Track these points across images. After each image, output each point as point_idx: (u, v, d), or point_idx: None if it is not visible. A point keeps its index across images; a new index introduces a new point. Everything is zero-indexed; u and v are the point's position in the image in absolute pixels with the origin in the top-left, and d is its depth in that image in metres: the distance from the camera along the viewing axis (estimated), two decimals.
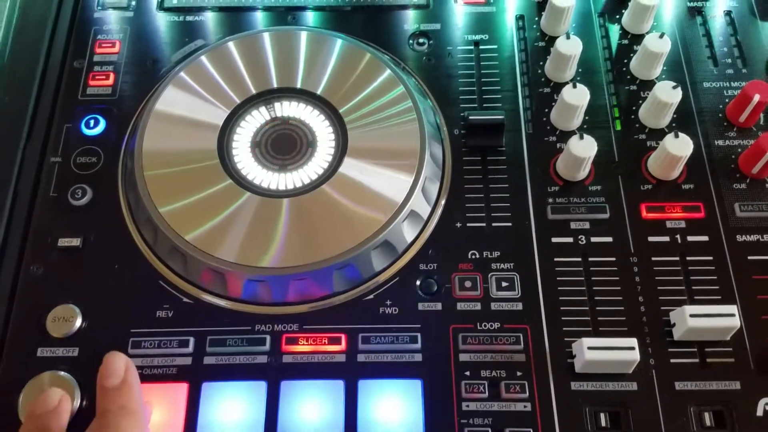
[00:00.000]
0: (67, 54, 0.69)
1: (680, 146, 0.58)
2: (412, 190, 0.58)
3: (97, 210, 0.61)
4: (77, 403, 0.53)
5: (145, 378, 0.54)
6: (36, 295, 0.58)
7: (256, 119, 0.63)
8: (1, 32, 0.70)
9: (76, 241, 0.60)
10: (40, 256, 0.59)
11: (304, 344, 0.56)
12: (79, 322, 0.56)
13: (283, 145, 0.62)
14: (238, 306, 0.57)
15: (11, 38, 0.70)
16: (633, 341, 0.51)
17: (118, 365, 0.51)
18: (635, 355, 0.51)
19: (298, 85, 0.64)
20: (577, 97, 0.60)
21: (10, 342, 0.56)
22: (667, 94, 0.61)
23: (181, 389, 0.54)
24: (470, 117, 0.61)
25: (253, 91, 0.64)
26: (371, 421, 0.53)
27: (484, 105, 0.65)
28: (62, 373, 0.54)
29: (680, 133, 0.59)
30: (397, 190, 0.58)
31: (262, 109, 0.63)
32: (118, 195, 0.62)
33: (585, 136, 0.58)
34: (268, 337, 0.56)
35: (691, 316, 0.52)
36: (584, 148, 0.58)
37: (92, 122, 0.65)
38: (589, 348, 0.51)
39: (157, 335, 0.56)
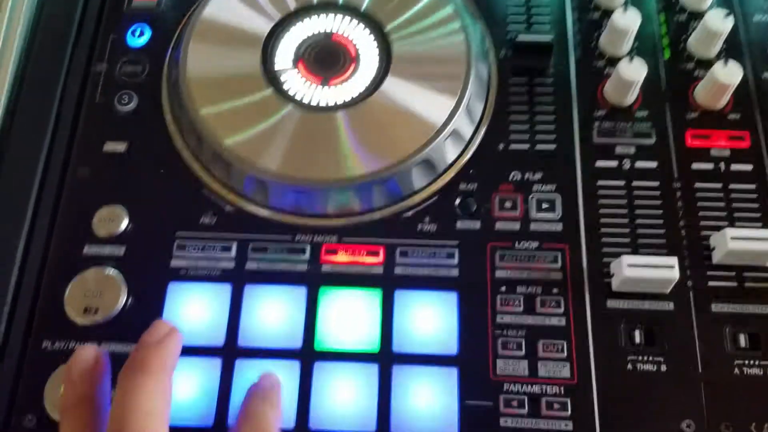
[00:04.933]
0: None
1: (729, 74, 0.58)
2: (456, 108, 0.58)
3: (142, 117, 0.62)
4: (123, 300, 0.55)
5: (190, 278, 0.55)
6: (82, 196, 0.59)
7: (300, 32, 0.63)
8: None
9: (121, 146, 0.60)
10: (87, 158, 0.60)
11: (342, 255, 0.56)
12: (125, 223, 0.57)
13: (327, 59, 0.62)
14: (279, 216, 0.58)
15: None
16: (673, 260, 0.51)
17: (162, 329, 0.48)
18: (675, 274, 0.51)
19: (340, 0, 0.64)
20: (627, 22, 0.59)
21: (56, 239, 0.57)
22: (718, 23, 0.60)
23: (225, 289, 0.55)
24: (518, 38, 0.61)
25: (295, 4, 0.64)
26: (407, 331, 0.54)
27: (533, 27, 0.64)
28: (109, 270, 0.56)
29: (730, 61, 0.58)
30: (440, 108, 0.58)
31: (307, 21, 0.63)
32: (163, 103, 0.62)
33: (635, 58, 0.58)
34: (308, 247, 0.57)
35: (732, 238, 0.52)
36: (634, 71, 0.57)
37: (138, 32, 0.66)
38: (629, 265, 0.51)
39: (201, 239, 0.57)
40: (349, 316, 0.54)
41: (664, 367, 0.52)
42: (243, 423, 0.47)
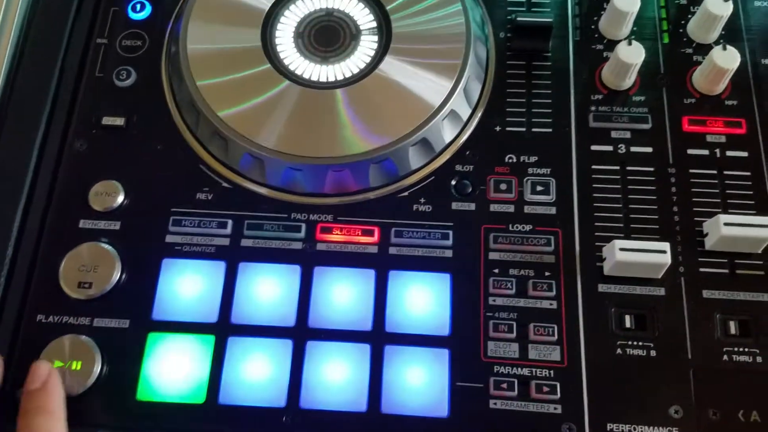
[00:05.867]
0: None
1: (728, 59, 0.58)
2: (453, 89, 0.58)
3: (140, 92, 0.62)
4: (117, 275, 0.55)
5: (184, 254, 0.56)
6: (79, 170, 0.59)
7: (300, 9, 0.63)
8: None
9: (119, 121, 0.60)
10: (85, 132, 0.60)
11: (338, 234, 0.57)
12: (121, 198, 0.57)
13: (327, 37, 0.62)
14: (275, 194, 0.58)
15: None
16: (665, 245, 0.52)
17: (42, 371, 0.51)
18: (666, 259, 0.51)
19: None
20: (627, 4, 0.59)
21: (53, 213, 0.58)
22: (718, 7, 0.60)
23: (219, 266, 0.55)
24: (518, 19, 0.61)
25: None
26: (400, 310, 0.54)
27: (533, 9, 0.64)
28: (103, 244, 0.56)
29: (728, 46, 0.58)
30: (438, 88, 0.58)
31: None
32: (162, 79, 0.62)
33: (633, 42, 0.57)
34: (303, 225, 0.57)
35: (726, 224, 0.52)
36: (632, 54, 0.57)
37: (138, 6, 0.66)
38: (621, 249, 0.51)
39: (197, 215, 0.57)
40: (343, 295, 0.55)
41: (653, 353, 0.52)
42: None
